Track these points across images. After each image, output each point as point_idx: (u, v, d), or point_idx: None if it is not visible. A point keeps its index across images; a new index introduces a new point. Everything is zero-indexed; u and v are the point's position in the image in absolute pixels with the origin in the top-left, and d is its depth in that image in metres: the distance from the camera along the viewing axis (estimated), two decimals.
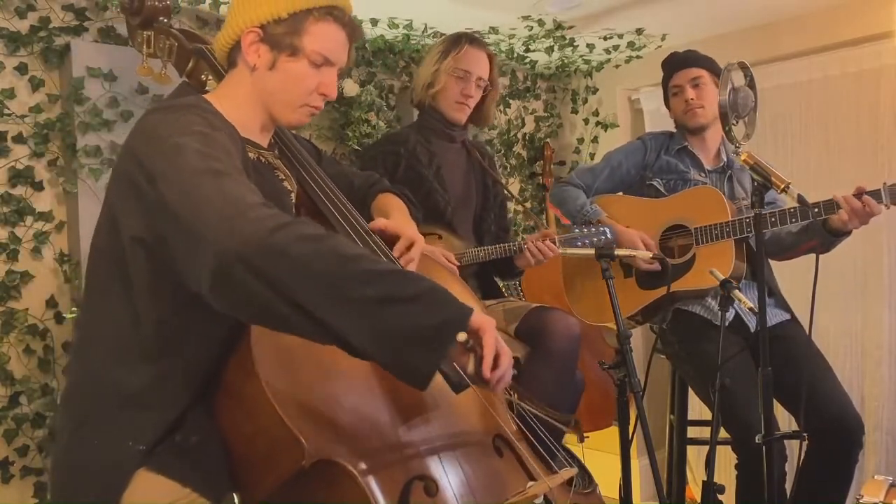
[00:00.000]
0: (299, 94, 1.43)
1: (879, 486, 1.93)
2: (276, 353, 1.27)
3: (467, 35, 2.40)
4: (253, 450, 1.30)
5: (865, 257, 3.10)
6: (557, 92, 4.01)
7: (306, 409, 1.25)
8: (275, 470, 1.27)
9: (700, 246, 2.42)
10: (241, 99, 1.43)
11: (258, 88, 1.42)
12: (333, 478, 1.25)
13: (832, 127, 3.20)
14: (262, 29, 1.39)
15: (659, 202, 2.54)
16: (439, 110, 2.35)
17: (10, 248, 2.35)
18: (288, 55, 1.40)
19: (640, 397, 1.85)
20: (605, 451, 3.23)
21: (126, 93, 2.49)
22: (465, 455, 1.41)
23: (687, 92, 2.53)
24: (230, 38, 1.42)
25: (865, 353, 3.17)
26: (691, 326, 2.43)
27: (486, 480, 1.40)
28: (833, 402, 2.19)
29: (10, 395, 2.32)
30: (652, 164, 2.61)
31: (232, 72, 1.45)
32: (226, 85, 1.46)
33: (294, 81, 1.41)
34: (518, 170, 3.82)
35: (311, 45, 1.40)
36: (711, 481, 2.08)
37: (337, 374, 1.34)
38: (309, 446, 1.20)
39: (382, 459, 1.30)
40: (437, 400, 1.44)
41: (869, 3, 3.01)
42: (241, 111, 1.42)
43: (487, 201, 2.41)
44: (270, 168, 1.48)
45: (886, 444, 3.11)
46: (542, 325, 2.11)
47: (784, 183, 1.78)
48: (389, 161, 2.29)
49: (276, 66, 1.40)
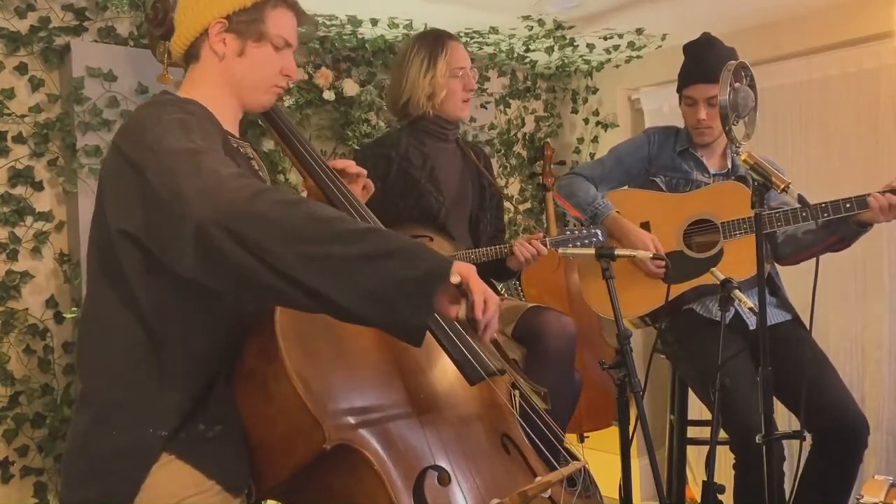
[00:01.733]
0: (268, 77, 1.50)
1: (879, 486, 1.93)
2: (300, 341, 1.30)
3: (441, 33, 2.38)
4: (273, 433, 1.32)
5: (865, 257, 3.10)
6: (557, 92, 4.02)
7: (328, 395, 1.29)
8: (294, 454, 1.30)
9: (728, 240, 2.40)
10: (211, 89, 1.48)
11: (227, 76, 1.47)
12: (351, 464, 1.28)
13: (832, 127, 3.20)
14: (227, 19, 1.44)
15: (682, 196, 2.50)
16: (443, 114, 2.33)
17: (10, 248, 2.35)
18: (254, 41, 1.46)
19: (640, 397, 1.84)
20: (605, 451, 3.23)
21: (126, 93, 2.49)
22: (475, 449, 1.44)
23: (700, 111, 2.45)
24: (193, 32, 1.46)
25: (865, 353, 3.17)
26: (691, 325, 2.43)
27: (496, 474, 1.43)
28: (836, 401, 2.19)
29: (10, 395, 2.32)
30: (656, 159, 2.59)
31: (195, 66, 1.49)
32: (193, 79, 1.50)
33: (262, 65, 1.48)
34: (518, 170, 3.83)
35: (273, 31, 1.48)
36: (711, 481, 2.07)
37: (358, 363, 1.38)
38: (329, 431, 1.24)
39: (398, 447, 1.33)
40: (449, 395, 1.47)
41: (869, 3, 3.01)
42: (214, 101, 1.47)
43: (484, 201, 2.40)
44: (247, 158, 1.52)
45: (886, 443, 3.11)
46: (538, 327, 2.11)
47: (784, 183, 1.78)
48: (380, 164, 2.28)
49: (244, 53, 1.46)
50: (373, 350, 1.42)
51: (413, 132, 2.35)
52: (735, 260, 2.31)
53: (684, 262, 2.41)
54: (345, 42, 3.08)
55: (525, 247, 2.18)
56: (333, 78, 2.99)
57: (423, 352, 1.45)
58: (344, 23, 2.92)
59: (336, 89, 2.99)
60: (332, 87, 2.98)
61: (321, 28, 2.93)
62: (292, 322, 1.30)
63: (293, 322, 1.30)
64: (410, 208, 2.26)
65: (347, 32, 3.02)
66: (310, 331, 1.33)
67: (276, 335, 1.28)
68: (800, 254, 2.46)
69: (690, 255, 2.44)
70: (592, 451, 3.23)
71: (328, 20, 2.89)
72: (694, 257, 2.43)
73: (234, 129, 1.52)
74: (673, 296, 2.43)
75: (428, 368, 1.49)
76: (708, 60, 2.46)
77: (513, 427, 1.55)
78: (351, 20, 2.89)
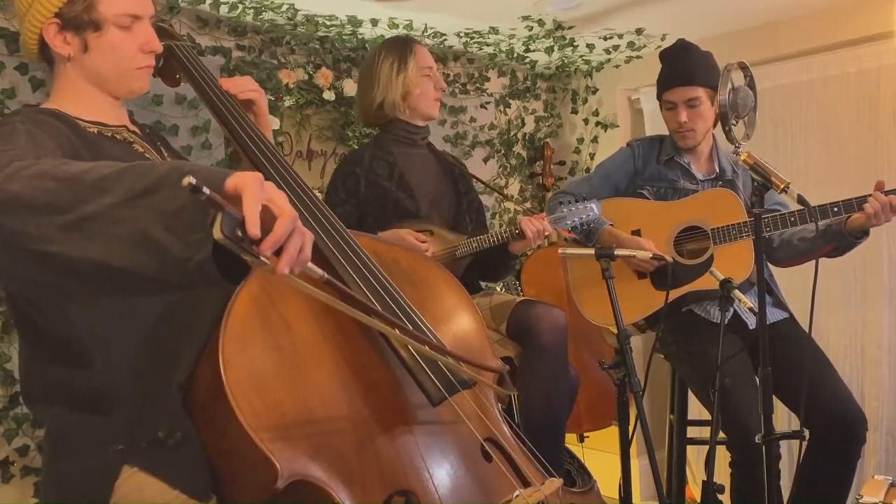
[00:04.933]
0: (125, 62, 1.40)
1: (879, 485, 1.93)
2: (248, 371, 1.22)
3: (406, 38, 2.43)
4: (230, 466, 1.27)
5: (865, 257, 3.10)
6: (557, 92, 4.02)
7: (279, 428, 1.21)
8: (253, 487, 1.24)
9: (717, 246, 2.41)
10: (75, 91, 1.41)
11: (84, 74, 1.40)
12: (310, 498, 1.22)
13: (832, 127, 3.20)
14: (58, 17, 1.36)
15: (672, 204, 2.52)
16: (416, 114, 2.35)
17: None
18: (93, 31, 1.36)
19: (640, 397, 1.85)
20: (605, 451, 3.24)
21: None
22: (449, 463, 1.37)
23: (681, 114, 2.46)
24: (33, 38, 1.39)
25: (865, 353, 3.17)
26: (689, 326, 2.43)
27: (473, 487, 1.37)
28: (835, 398, 2.19)
29: (10, 395, 2.32)
30: (642, 172, 2.60)
31: (54, 69, 1.42)
32: (55, 86, 1.43)
33: (113, 53, 1.38)
34: (518, 170, 3.83)
35: (110, 11, 1.36)
36: (711, 481, 2.08)
37: (315, 386, 1.28)
38: (282, 468, 1.16)
39: (360, 476, 1.26)
40: (419, 407, 1.39)
41: (869, 3, 3.01)
42: (81, 102, 1.40)
43: (461, 205, 2.41)
44: (126, 142, 1.45)
45: (886, 443, 3.11)
46: (530, 322, 2.11)
47: (784, 183, 1.78)
48: (350, 182, 2.32)
49: (89, 48, 1.37)
50: (331, 368, 1.32)
51: (378, 145, 2.38)
52: (726, 265, 2.31)
53: (676, 269, 2.42)
54: (345, 42, 3.08)
55: (532, 222, 2.18)
56: (333, 78, 2.99)
57: (385, 367, 1.39)
58: (344, 23, 2.92)
59: (336, 89, 2.99)
60: (332, 87, 2.98)
61: (321, 28, 2.93)
62: (240, 347, 1.21)
63: (241, 347, 1.22)
64: (389, 216, 2.27)
65: (347, 32, 3.02)
66: (260, 356, 1.24)
67: (220, 368, 1.19)
68: (794, 259, 2.48)
69: (682, 261, 2.44)
70: (592, 451, 3.23)
71: (328, 20, 2.89)
72: (685, 264, 2.44)
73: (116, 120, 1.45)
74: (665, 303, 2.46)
75: (392, 384, 1.39)
76: (685, 63, 2.49)
77: (494, 430, 1.46)
78: (351, 20, 2.89)
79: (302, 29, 2.92)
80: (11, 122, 1.27)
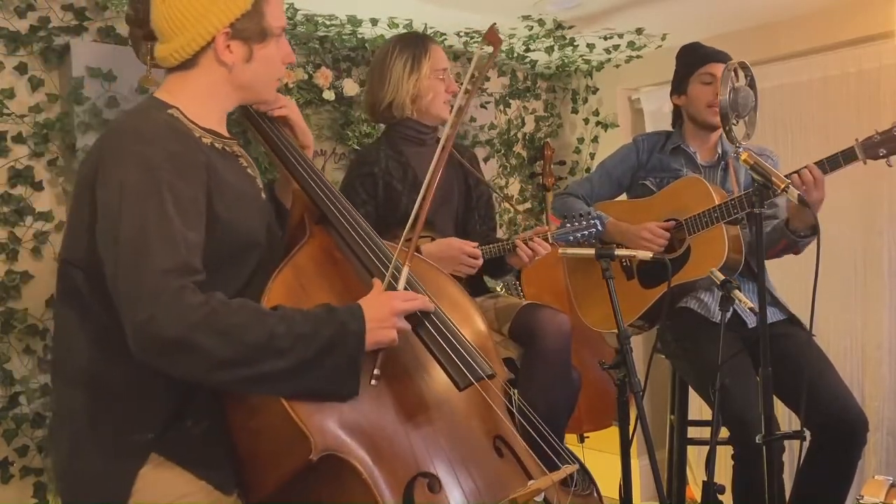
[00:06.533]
0: (276, 73, 1.50)
1: (879, 486, 1.93)
2: None
3: (422, 35, 2.39)
4: (257, 446, 1.32)
5: (865, 257, 3.10)
6: (557, 92, 4.01)
7: (314, 404, 1.28)
8: (281, 466, 1.29)
9: (693, 236, 2.41)
10: (209, 97, 1.44)
11: (236, 83, 1.44)
12: (338, 474, 1.26)
13: (832, 127, 3.20)
14: (231, 27, 1.39)
15: (649, 200, 2.54)
16: (426, 116, 2.33)
17: (9, 248, 2.35)
18: (259, 42, 1.43)
19: (640, 397, 1.84)
20: (605, 451, 3.24)
21: (126, 93, 2.49)
22: (467, 454, 1.42)
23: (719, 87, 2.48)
24: (194, 45, 1.39)
25: (865, 353, 3.17)
26: (688, 324, 2.43)
27: (488, 479, 1.41)
28: (835, 398, 2.19)
29: (9, 395, 2.32)
30: (645, 164, 2.60)
31: (188, 72, 1.43)
32: (181, 83, 1.44)
33: (270, 64, 1.47)
34: (518, 170, 3.82)
35: (274, 23, 1.44)
36: (711, 481, 2.07)
37: None
38: (316, 441, 1.23)
39: (387, 456, 1.31)
40: (440, 399, 1.45)
41: (869, 3, 3.01)
42: (206, 108, 1.43)
43: (470, 201, 2.39)
44: (234, 156, 1.49)
45: (886, 443, 3.11)
46: (534, 325, 2.10)
47: (784, 183, 1.78)
48: (368, 184, 2.28)
49: (252, 58, 1.43)
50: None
51: (390, 142, 2.34)
52: (702, 254, 2.34)
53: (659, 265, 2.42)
54: (345, 42, 3.08)
55: (525, 250, 2.17)
56: (333, 78, 2.99)
57: (412, 356, 1.44)
58: (344, 23, 2.92)
59: (336, 89, 2.99)
60: (332, 87, 2.98)
61: (321, 28, 2.93)
62: None
63: None
64: (400, 220, 2.26)
65: (347, 32, 3.02)
66: None
67: None
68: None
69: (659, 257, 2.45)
70: (592, 451, 3.23)
71: (328, 20, 2.89)
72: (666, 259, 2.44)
73: (221, 129, 1.48)
74: (655, 299, 2.48)
75: (417, 373, 1.46)
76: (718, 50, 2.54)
77: (506, 429, 1.52)
78: (351, 20, 2.89)
79: (301, 28, 2.92)
80: (155, 174, 1.28)
